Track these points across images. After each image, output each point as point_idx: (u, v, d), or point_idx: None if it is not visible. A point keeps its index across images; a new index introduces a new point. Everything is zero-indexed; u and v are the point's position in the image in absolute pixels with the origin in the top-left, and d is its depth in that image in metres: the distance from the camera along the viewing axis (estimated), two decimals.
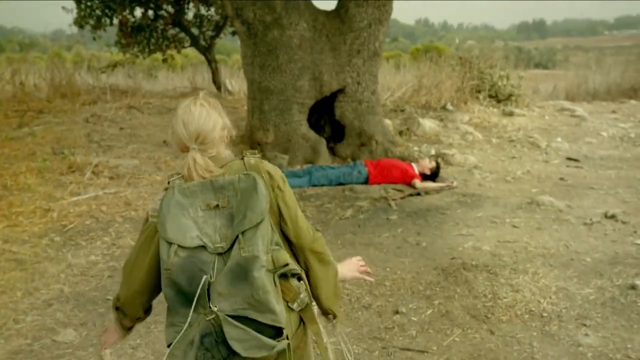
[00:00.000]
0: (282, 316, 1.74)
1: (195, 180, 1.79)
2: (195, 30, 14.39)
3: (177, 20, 13.81)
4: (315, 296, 1.99)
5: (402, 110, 11.08)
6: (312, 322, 1.93)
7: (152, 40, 14.48)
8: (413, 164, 7.19)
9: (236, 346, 1.68)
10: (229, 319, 1.68)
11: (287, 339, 1.77)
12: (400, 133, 9.25)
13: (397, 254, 4.90)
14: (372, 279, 2.34)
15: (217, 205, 1.76)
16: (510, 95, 11.49)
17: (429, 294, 4.16)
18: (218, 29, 14.27)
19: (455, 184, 6.80)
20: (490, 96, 11.75)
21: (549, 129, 9.88)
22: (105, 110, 10.68)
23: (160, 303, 1.89)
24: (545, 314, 3.83)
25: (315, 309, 2.00)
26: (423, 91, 11.67)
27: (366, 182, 6.99)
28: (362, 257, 2.29)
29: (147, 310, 2.03)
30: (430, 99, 11.44)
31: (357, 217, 5.82)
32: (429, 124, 9.37)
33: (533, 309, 3.91)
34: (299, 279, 1.91)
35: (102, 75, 14.25)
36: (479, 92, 11.81)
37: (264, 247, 1.73)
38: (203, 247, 1.73)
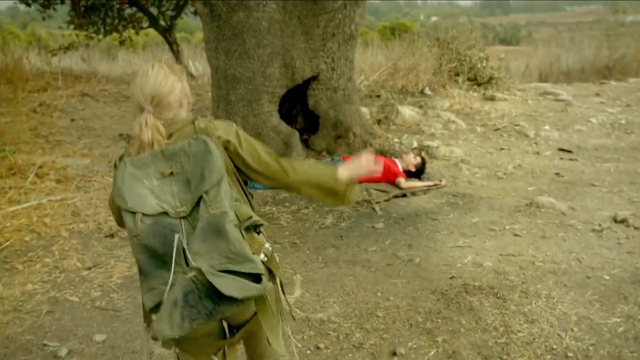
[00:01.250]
0: (259, 263, 1.81)
1: (146, 149, 1.83)
2: (154, 10, 13.42)
3: None
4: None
5: (378, 96, 10.39)
6: (277, 269, 2.02)
7: (108, 21, 13.51)
8: (396, 160, 6.54)
9: (229, 291, 1.70)
10: (214, 271, 1.71)
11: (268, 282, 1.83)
12: (379, 122, 8.59)
13: (388, 273, 4.26)
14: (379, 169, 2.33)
15: (171, 173, 1.81)
16: (491, 78, 10.90)
17: (430, 328, 3.54)
18: (179, 8, 13.34)
19: (443, 182, 6.18)
20: (469, 79, 11.15)
21: (535, 115, 9.33)
22: (55, 98, 9.79)
23: None
24: (570, 354, 3.23)
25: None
26: (399, 75, 11.01)
27: None
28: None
29: None
30: (406, 83, 10.78)
31: (339, 226, 5.16)
32: (408, 111, 8.73)
33: (554, 346, 3.31)
34: (259, 231, 1.98)
35: (54, 58, 13.22)
36: (457, 75, 11.19)
37: (228, 203, 1.79)
38: (165, 213, 1.77)
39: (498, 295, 3.86)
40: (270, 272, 1.98)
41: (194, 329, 1.77)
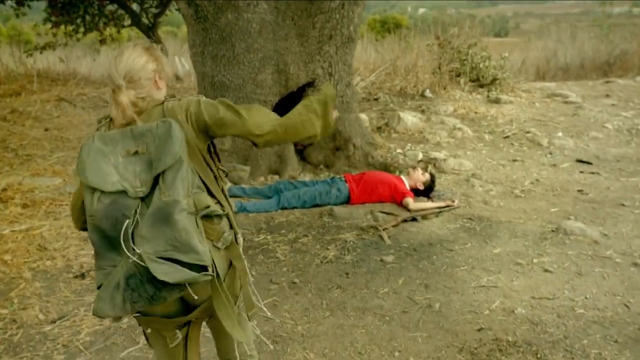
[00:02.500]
0: (206, 255, 1.81)
1: (116, 127, 1.92)
2: (136, 7, 12.68)
3: None
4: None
5: (376, 99, 9.77)
6: (238, 259, 2.07)
7: (88, 18, 12.75)
8: (403, 177, 5.92)
9: (163, 276, 1.74)
10: (154, 257, 1.75)
11: (217, 275, 1.91)
12: (379, 130, 7.96)
13: (404, 323, 3.63)
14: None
15: (137, 152, 1.84)
16: (495, 79, 10.27)
17: None
18: (162, 5, 12.58)
19: (456, 202, 5.57)
20: (471, 80, 10.53)
21: (545, 120, 8.72)
22: (29, 104, 9.07)
23: None
24: None
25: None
26: (397, 75, 10.37)
27: (347, 201, 5.70)
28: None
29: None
30: (405, 84, 10.15)
31: (343, 259, 4.52)
32: (410, 118, 8.10)
33: None
34: (226, 217, 2.03)
35: (30, 58, 12.44)
36: (459, 75, 10.56)
37: (184, 191, 1.81)
38: (124, 192, 1.81)
39: (538, 355, 3.25)
40: (231, 264, 2.06)
41: (145, 309, 1.88)
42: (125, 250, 1.78)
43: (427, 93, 9.85)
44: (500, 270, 4.27)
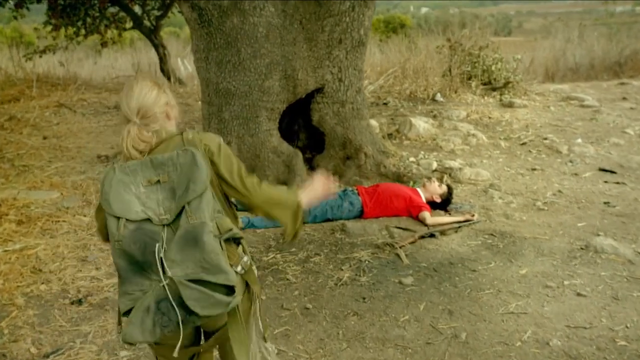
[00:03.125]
0: (234, 276, 1.86)
1: (133, 158, 1.92)
2: (138, 10, 12.38)
3: None
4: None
5: (385, 104, 9.46)
6: (254, 283, 2.10)
7: (89, 20, 12.45)
8: (419, 189, 5.61)
9: (194, 305, 1.77)
10: (185, 281, 1.77)
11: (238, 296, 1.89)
12: (389, 136, 7.65)
13: (429, 357, 3.32)
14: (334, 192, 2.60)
15: (158, 181, 1.87)
16: (508, 82, 9.94)
17: None
18: (165, 7, 12.27)
19: (476, 216, 5.25)
20: (483, 83, 10.21)
21: (562, 125, 8.39)
22: (28, 110, 8.79)
23: None
24: None
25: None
26: (407, 79, 10.05)
27: (360, 215, 5.40)
28: None
29: None
30: (415, 88, 9.83)
31: (359, 281, 4.21)
32: (422, 124, 7.78)
33: None
34: (239, 243, 2.03)
35: (29, 62, 12.15)
36: (470, 78, 10.25)
37: (209, 214, 1.85)
38: (149, 220, 1.83)
39: None
40: (247, 285, 2.07)
41: (165, 335, 1.82)
42: (158, 274, 1.80)
43: (438, 97, 9.54)
44: (529, 294, 3.96)
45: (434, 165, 6.58)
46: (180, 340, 1.86)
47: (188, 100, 9.97)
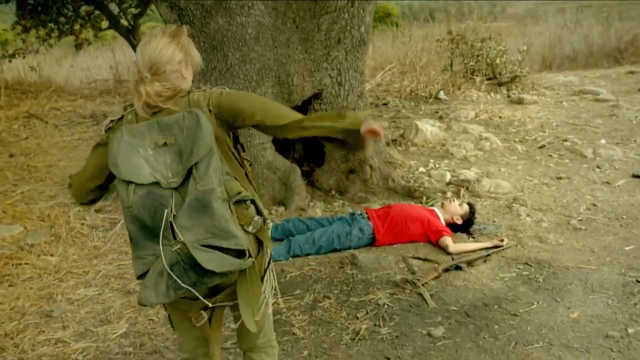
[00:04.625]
0: (244, 240, 1.89)
1: (142, 121, 1.93)
2: (114, 8, 11.54)
3: None
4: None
5: (385, 104, 8.75)
6: (268, 239, 2.14)
7: (62, 20, 11.60)
8: (436, 210, 4.92)
9: (209, 265, 1.80)
10: (197, 245, 1.81)
11: (251, 256, 1.93)
12: (394, 142, 6.94)
13: None
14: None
15: (165, 143, 1.88)
16: (515, 76, 9.24)
17: None
18: (143, 5, 11.44)
19: (505, 241, 4.57)
20: (487, 78, 9.51)
21: (580, 124, 7.71)
22: None
23: None
24: None
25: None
26: (407, 76, 9.34)
27: (372, 242, 4.70)
28: None
29: (92, 202, 2.20)
30: (416, 85, 9.12)
31: (379, 334, 3.51)
32: (429, 128, 7.08)
33: None
34: (252, 202, 2.04)
35: None
36: (473, 73, 9.55)
37: (217, 179, 1.86)
38: (157, 183, 1.86)
39: None
40: (260, 243, 2.10)
41: (179, 297, 1.89)
42: (169, 239, 1.83)
43: (442, 95, 8.84)
44: (588, 348, 3.27)
45: (448, 176, 5.89)
46: (197, 301, 1.92)
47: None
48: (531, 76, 9.82)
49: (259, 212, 2.07)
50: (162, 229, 1.82)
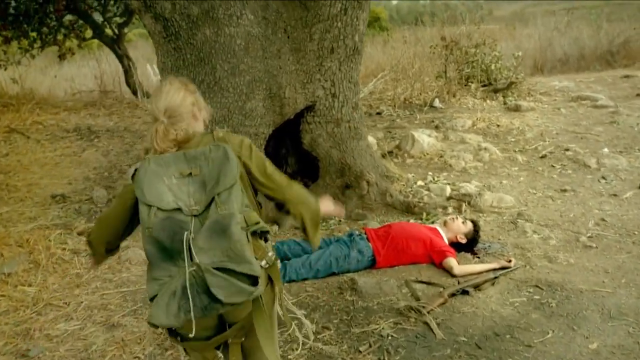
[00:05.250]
0: (257, 267, 1.92)
1: (167, 152, 2.04)
2: (98, 17, 11.23)
3: (73, 4, 10.61)
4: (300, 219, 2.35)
5: (379, 114, 8.50)
6: (278, 279, 2.16)
7: (45, 30, 11.28)
8: (438, 228, 4.66)
9: (218, 293, 1.83)
10: (210, 268, 1.84)
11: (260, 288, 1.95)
12: (390, 154, 6.69)
13: None
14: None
15: (190, 174, 1.97)
16: (512, 83, 9.03)
17: None
18: (128, 13, 11.14)
19: (513, 262, 4.32)
20: (482, 84, 9.29)
21: (580, 131, 7.49)
22: None
23: None
24: None
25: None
26: (400, 83, 9.10)
27: (372, 265, 4.44)
28: None
29: (111, 250, 2.30)
30: (410, 94, 8.89)
31: None
32: (426, 138, 6.84)
33: None
34: (266, 239, 2.13)
35: None
36: (468, 79, 9.32)
37: (238, 207, 1.94)
38: (179, 210, 1.92)
39: None
40: (271, 280, 2.13)
41: (189, 321, 1.85)
42: (185, 260, 1.85)
43: (437, 103, 8.61)
44: None
45: (448, 190, 5.64)
46: (194, 322, 1.88)
47: None
48: (526, 82, 9.59)
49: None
50: (182, 250, 1.86)
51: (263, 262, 2.03)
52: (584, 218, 5.07)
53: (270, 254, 2.08)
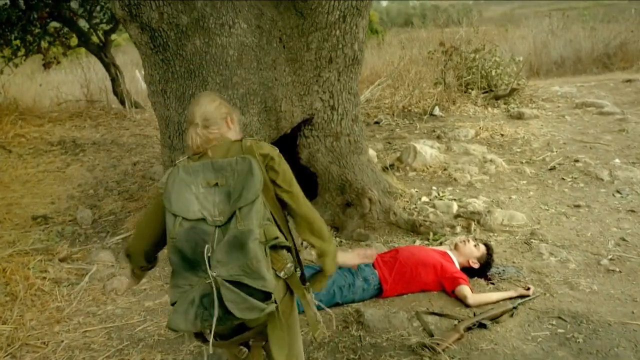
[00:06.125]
0: (271, 283, 1.98)
1: (198, 160, 2.14)
2: (84, 24, 10.85)
3: (57, 11, 10.21)
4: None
5: (377, 123, 8.17)
6: (297, 287, 2.21)
7: (29, 38, 10.89)
8: (449, 252, 4.33)
9: (232, 307, 1.92)
10: (226, 283, 1.92)
11: (275, 302, 2.01)
12: (391, 167, 6.36)
13: None
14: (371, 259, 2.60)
15: (217, 184, 2.04)
16: (514, 89, 8.72)
17: None
18: (115, 20, 10.76)
19: (532, 290, 3.99)
20: (483, 91, 8.98)
21: (589, 140, 7.18)
22: None
23: None
24: None
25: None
26: (398, 90, 8.78)
27: (378, 294, 4.10)
28: None
29: (150, 261, 2.39)
30: (409, 102, 8.56)
31: None
32: (429, 150, 6.52)
33: None
34: (288, 250, 2.15)
35: None
36: (467, 85, 9.01)
37: (258, 222, 1.98)
38: (203, 219, 1.99)
39: None
40: (290, 290, 2.19)
41: (205, 327, 1.96)
42: (205, 272, 1.93)
43: (437, 111, 8.29)
44: None
45: (455, 207, 5.31)
46: (212, 331, 1.96)
47: (147, 130, 8.53)
48: (528, 88, 9.29)
49: (298, 259, 2.23)
50: (203, 261, 1.93)
51: (282, 273, 2.09)
52: (602, 238, 4.75)
53: (289, 265, 2.12)
